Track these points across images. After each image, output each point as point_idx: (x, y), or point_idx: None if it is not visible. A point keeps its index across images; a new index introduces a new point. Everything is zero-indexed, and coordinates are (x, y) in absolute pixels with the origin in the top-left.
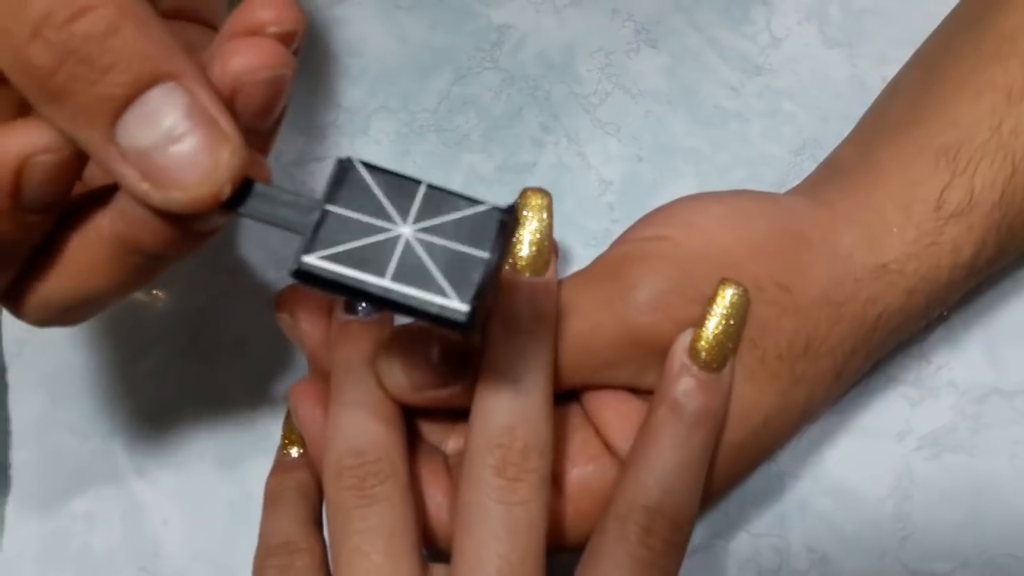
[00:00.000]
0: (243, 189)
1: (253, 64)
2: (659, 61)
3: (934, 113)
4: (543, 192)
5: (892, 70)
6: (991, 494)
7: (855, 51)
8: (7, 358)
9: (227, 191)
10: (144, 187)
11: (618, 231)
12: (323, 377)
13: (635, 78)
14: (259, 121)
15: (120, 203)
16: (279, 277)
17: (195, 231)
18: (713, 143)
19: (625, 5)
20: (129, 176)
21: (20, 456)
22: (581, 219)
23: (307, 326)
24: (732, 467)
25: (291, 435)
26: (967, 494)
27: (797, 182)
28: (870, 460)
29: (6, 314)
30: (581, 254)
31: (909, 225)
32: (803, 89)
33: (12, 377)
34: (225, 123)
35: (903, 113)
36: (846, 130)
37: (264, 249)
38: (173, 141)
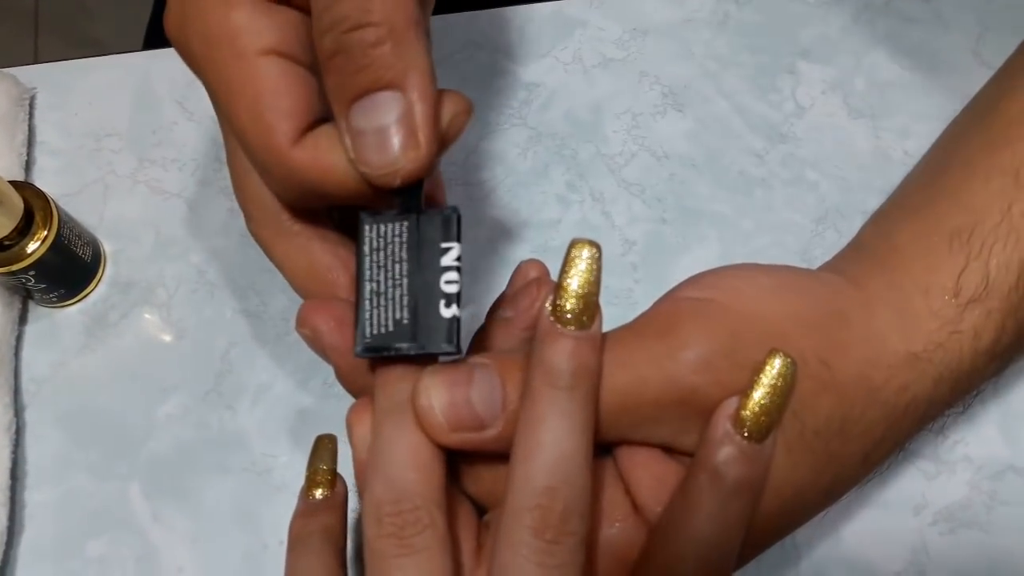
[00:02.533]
0: (413, 190)
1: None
2: (685, 125)
3: (946, 196)
4: (592, 243)
5: (915, 144)
6: (1006, 572)
7: (879, 123)
8: (26, 397)
9: (396, 183)
10: (351, 154)
11: (640, 291)
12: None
13: (661, 141)
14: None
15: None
16: None
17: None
18: (737, 208)
19: (653, 68)
20: (347, 144)
21: (35, 497)
22: (604, 278)
23: (330, 339)
24: (757, 539)
25: (316, 476)
26: (982, 571)
27: (819, 251)
28: (886, 533)
29: (25, 353)
30: (602, 313)
31: (931, 313)
32: (826, 158)
33: (30, 416)
34: (424, 136)
35: (917, 196)
36: (868, 201)
37: (288, 295)
38: (380, 134)
